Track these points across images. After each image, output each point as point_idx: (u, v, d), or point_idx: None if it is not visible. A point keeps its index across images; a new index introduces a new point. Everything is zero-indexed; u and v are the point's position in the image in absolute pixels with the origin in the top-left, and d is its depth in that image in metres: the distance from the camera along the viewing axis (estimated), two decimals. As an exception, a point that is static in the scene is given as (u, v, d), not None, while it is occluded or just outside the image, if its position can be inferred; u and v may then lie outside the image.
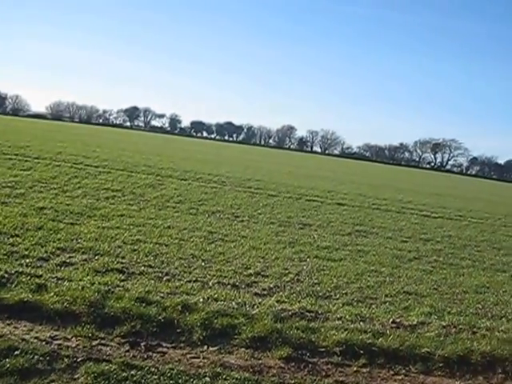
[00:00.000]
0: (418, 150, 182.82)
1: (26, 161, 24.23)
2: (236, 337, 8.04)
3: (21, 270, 9.55)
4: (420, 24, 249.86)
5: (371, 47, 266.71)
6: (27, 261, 10.14)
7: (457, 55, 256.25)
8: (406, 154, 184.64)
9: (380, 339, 8.51)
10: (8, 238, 11.48)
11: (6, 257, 10.23)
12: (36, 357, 6.63)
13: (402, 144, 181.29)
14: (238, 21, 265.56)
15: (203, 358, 7.30)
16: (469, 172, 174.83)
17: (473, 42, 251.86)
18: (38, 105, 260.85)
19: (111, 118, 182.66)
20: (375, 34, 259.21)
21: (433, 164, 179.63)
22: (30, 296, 8.38)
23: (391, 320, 9.58)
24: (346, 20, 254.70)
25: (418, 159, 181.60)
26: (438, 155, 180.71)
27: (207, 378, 6.68)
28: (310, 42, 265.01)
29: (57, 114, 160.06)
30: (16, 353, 6.65)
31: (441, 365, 8.11)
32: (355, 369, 7.67)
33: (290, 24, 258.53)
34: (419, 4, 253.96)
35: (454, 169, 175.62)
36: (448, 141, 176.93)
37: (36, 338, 7.26)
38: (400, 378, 7.62)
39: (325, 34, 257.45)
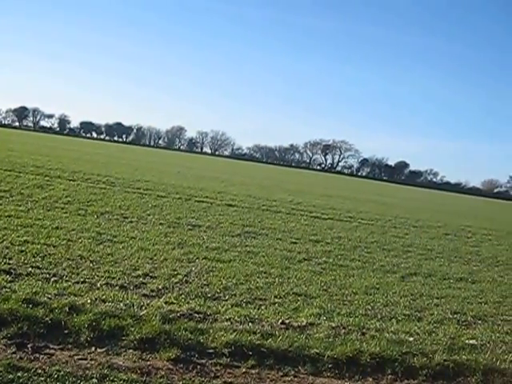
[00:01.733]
0: (309, 152, 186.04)
1: None
2: (124, 338, 8.03)
3: None
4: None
5: (260, 47, 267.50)
6: None
7: (354, 56, 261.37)
8: (297, 156, 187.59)
9: (269, 340, 8.60)
10: None
11: None
12: None
13: (292, 145, 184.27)
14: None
15: (91, 360, 7.27)
16: (359, 173, 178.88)
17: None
18: None
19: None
20: (268, 34, 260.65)
21: (323, 165, 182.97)
22: None
23: (280, 321, 9.69)
24: (237, 21, 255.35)
25: (308, 160, 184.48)
26: (329, 156, 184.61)
27: (94, 380, 6.67)
28: (198, 43, 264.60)
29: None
30: None
31: (330, 366, 8.23)
32: (244, 370, 7.75)
33: (170, 23, 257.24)
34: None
35: (345, 170, 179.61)
36: (338, 142, 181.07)
37: None
38: (289, 379, 7.73)
39: (215, 34, 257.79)
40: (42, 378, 6.51)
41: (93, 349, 7.65)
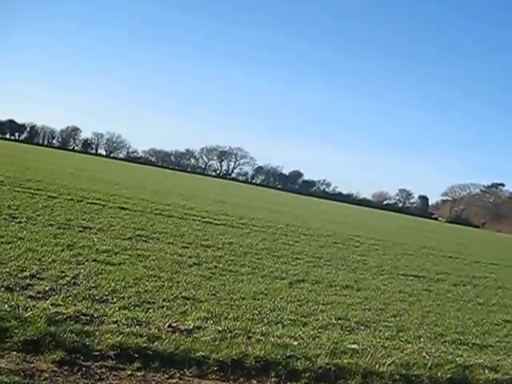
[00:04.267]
0: (205, 157, 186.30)
1: None
2: (7, 340, 7.89)
3: None
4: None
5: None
6: None
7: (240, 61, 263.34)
8: (192, 161, 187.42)
9: (155, 343, 8.66)
10: None
11: None
12: None
13: (188, 150, 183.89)
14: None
15: None
16: (254, 181, 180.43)
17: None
18: None
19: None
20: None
21: (219, 171, 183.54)
22: None
23: (167, 324, 9.74)
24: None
25: (204, 166, 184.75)
26: (224, 163, 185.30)
27: None
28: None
29: None
30: None
31: (215, 368, 8.38)
32: (129, 372, 7.78)
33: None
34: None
35: (240, 177, 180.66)
36: (234, 149, 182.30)
37: None
38: (174, 381, 7.83)
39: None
40: None
41: (-26, 351, 7.47)
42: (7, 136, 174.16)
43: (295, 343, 9.93)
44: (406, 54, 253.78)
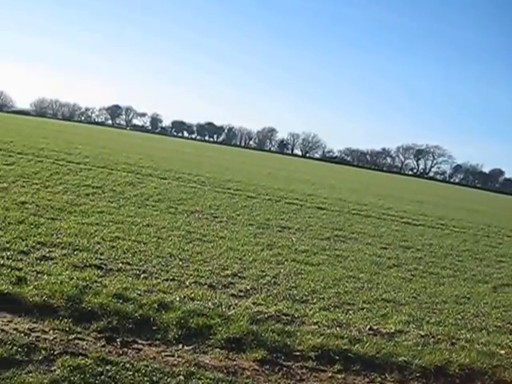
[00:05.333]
0: (401, 156, 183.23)
1: (10, 156, 24.36)
2: (211, 337, 8.07)
3: (1, 262, 9.67)
4: (413, 27, 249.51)
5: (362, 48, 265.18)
6: (8, 253, 10.24)
7: (443, 59, 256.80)
8: (388, 160, 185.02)
9: (356, 346, 8.49)
10: (-11, 232, 11.56)
11: (-14, 250, 10.32)
12: (14, 347, 6.74)
13: (384, 149, 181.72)
14: (210, 19, 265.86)
15: (178, 357, 7.35)
16: (452, 180, 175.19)
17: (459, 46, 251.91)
18: (23, 101, 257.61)
19: (93, 115, 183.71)
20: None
21: (415, 170, 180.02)
22: (11, 288, 8.49)
23: (368, 327, 9.55)
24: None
25: (400, 165, 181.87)
26: (421, 162, 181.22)
27: (181, 377, 6.72)
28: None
29: (40, 111, 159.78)
30: (-5, 343, 6.75)
31: (418, 375, 8.08)
32: (330, 374, 7.67)
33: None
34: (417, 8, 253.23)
35: (437, 176, 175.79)
36: (432, 147, 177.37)
37: (15, 329, 7.36)
38: None
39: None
40: (130, 373, 6.61)
41: (180, 346, 7.73)
42: (206, 138, 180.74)
43: (502, 352, 9.35)
44: None
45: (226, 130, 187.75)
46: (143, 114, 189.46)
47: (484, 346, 9.55)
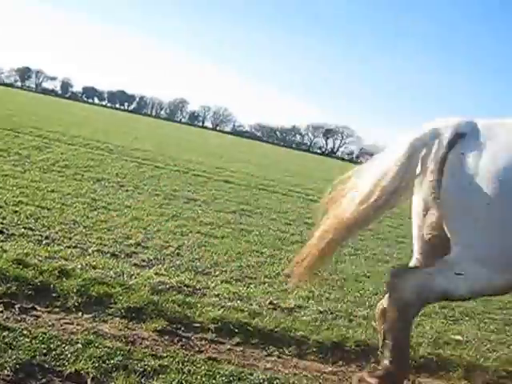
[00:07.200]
0: (310, 135, 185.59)
1: None
2: (111, 306, 8.00)
3: None
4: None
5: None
6: None
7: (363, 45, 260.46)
8: (298, 137, 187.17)
9: (256, 319, 8.59)
10: None
11: None
12: None
13: (294, 127, 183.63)
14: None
15: (77, 325, 7.26)
16: (359, 160, 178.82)
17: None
18: None
19: (2, 76, 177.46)
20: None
21: (324, 149, 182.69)
22: None
23: (269, 301, 9.68)
24: None
25: (309, 143, 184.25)
26: (330, 141, 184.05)
27: (79, 345, 6.61)
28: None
29: None
30: None
31: (315, 349, 8.19)
32: (229, 347, 7.72)
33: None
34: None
35: (345, 156, 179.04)
36: (341, 127, 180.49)
37: None
38: (273, 359, 7.69)
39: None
40: (28, 339, 6.47)
41: (80, 314, 7.62)
42: (117, 105, 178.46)
43: (398, 330, 9.75)
44: None
45: (137, 99, 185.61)
46: (54, 78, 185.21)
47: (380, 324, 9.84)
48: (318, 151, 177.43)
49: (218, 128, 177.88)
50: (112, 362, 6.46)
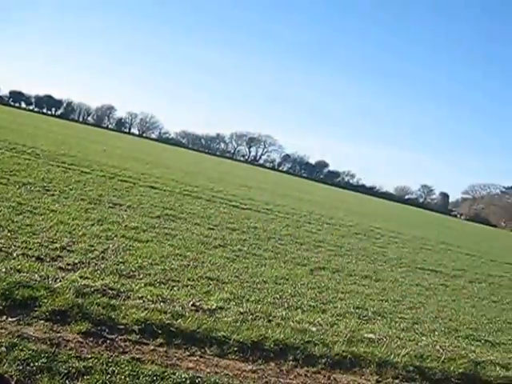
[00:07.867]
0: (234, 143, 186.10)
1: None
2: (36, 309, 8.15)
3: None
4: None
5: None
6: None
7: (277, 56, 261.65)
8: (222, 145, 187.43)
9: (179, 320, 8.91)
10: None
11: None
12: None
13: (218, 134, 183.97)
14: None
15: (1, 328, 7.37)
16: (280, 168, 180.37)
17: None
18: None
19: None
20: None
21: (247, 157, 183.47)
22: None
23: (191, 303, 9.98)
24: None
25: (233, 151, 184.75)
26: (253, 149, 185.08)
27: (3, 348, 6.75)
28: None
29: None
30: None
31: (235, 349, 8.60)
32: (152, 347, 7.99)
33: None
34: None
35: (267, 164, 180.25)
36: (263, 136, 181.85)
37: None
38: (195, 359, 8.01)
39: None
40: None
41: (4, 317, 7.74)
42: (44, 111, 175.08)
43: (314, 329, 10.19)
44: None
45: (64, 104, 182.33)
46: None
47: (298, 324, 10.30)
48: (242, 159, 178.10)
49: (144, 135, 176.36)
50: (36, 364, 6.65)
